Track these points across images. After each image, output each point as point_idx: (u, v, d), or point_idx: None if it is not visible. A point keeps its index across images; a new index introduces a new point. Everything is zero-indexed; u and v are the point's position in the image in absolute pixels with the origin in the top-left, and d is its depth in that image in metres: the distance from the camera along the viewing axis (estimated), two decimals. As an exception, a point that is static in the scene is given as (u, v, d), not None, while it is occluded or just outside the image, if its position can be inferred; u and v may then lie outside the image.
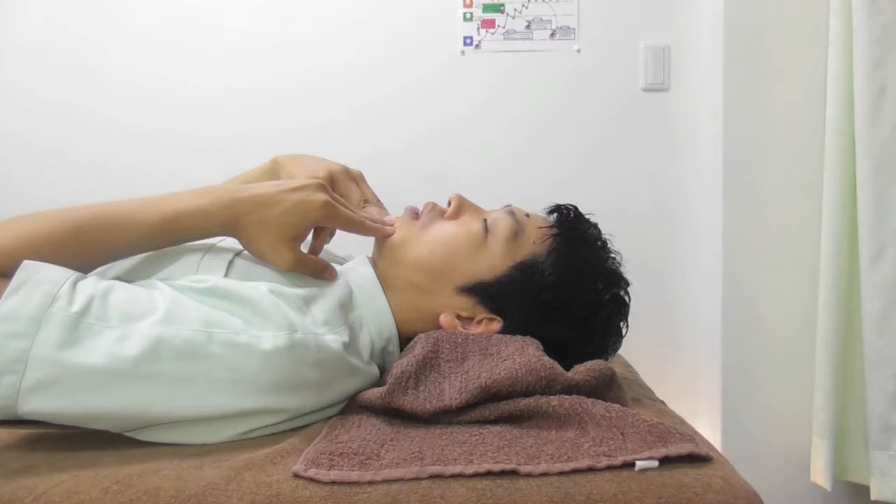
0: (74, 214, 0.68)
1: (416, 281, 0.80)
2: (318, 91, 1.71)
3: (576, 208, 0.85)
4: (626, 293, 0.83)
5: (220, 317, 0.64)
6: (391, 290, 0.80)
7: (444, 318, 0.78)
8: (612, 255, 0.84)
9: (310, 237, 0.81)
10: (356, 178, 0.89)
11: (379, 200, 0.89)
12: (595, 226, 0.85)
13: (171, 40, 1.72)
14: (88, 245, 0.68)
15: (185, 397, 0.61)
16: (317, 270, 0.77)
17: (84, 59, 1.72)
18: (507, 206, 0.85)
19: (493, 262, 0.79)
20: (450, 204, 0.85)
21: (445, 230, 0.82)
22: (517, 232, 0.80)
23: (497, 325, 0.79)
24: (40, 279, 0.60)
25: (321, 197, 0.74)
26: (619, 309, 0.82)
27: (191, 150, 1.71)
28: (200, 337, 0.62)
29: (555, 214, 0.85)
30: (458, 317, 0.79)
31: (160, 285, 0.67)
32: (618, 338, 0.84)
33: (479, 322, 0.79)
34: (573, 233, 0.82)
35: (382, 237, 0.82)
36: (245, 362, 0.62)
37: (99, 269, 0.71)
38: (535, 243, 0.80)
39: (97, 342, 0.59)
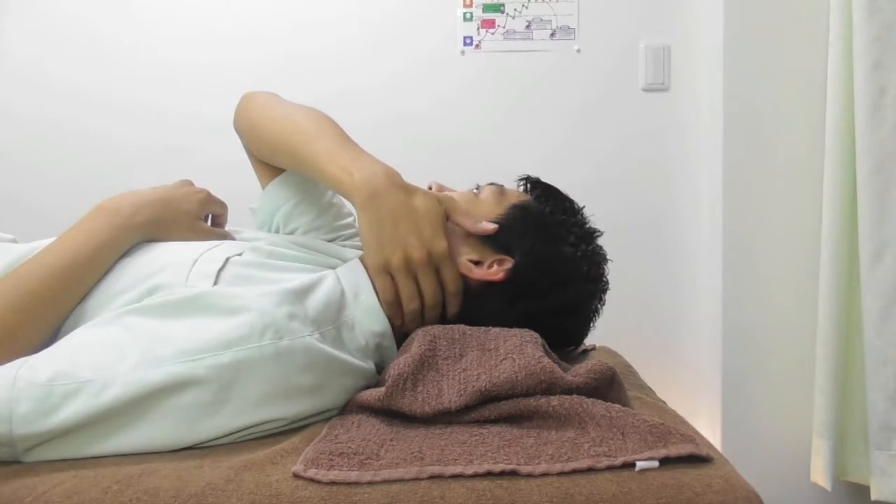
0: (9, 299, 0.69)
1: None
2: (317, 91, 1.71)
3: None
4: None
5: (197, 339, 0.63)
6: None
7: (461, 264, 0.81)
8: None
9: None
10: None
11: None
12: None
13: (172, 18, 1.73)
14: (44, 311, 0.71)
15: (180, 429, 0.62)
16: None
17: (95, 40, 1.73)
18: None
19: (490, 209, 0.85)
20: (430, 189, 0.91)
21: (441, 194, 0.88)
22: (501, 192, 0.88)
23: (508, 263, 0.82)
24: None
25: (198, 188, 0.89)
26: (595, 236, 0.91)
27: (191, 129, 1.72)
28: (181, 368, 0.61)
29: (523, 181, 0.93)
30: (470, 260, 0.82)
31: (127, 320, 0.66)
32: (604, 260, 0.90)
33: (490, 265, 0.82)
34: (546, 185, 0.92)
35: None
36: (233, 380, 0.62)
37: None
38: (519, 196, 0.89)
39: (78, 400, 0.59)
